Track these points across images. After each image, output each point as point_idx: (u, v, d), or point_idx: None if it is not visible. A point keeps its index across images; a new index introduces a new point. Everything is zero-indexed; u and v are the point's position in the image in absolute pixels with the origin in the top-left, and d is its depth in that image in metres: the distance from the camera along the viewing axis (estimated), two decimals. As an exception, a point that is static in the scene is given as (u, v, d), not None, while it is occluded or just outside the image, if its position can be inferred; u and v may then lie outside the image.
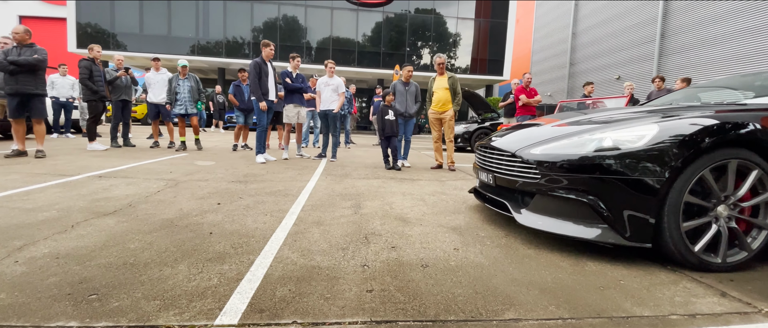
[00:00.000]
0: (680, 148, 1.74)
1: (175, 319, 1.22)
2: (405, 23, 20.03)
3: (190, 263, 1.68)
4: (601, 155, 1.85)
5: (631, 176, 1.78)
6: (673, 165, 1.73)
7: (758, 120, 1.81)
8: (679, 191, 1.75)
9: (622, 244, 1.81)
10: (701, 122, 1.79)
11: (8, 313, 1.21)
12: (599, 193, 1.84)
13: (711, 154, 1.76)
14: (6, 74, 4.59)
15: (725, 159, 1.77)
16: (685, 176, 1.75)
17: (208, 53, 18.63)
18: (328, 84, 6.16)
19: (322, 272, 1.64)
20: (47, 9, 21.30)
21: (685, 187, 1.75)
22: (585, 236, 1.88)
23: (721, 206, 1.81)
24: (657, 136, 1.80)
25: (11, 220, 2.19)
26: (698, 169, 1.75)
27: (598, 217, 1.86)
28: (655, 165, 1.75)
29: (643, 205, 1.77)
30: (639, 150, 1.79)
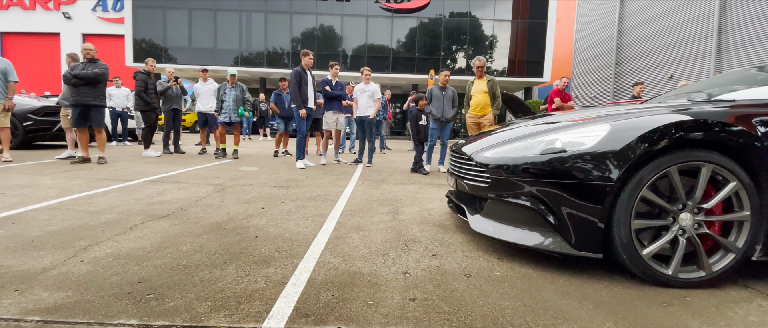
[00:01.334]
0: (631, 149, 1.57)
1: (225, 320, 1.26)
2: (439, 27, 19.92)
3: (238, 265, 1.74)
4: (549, 158, 1.72)
5: (578, 180, 1.64)
6: (625, 167, 1.57)
7: (725, 117, 1.58)
8: (629, 195, 1.58)
9: (570, 253, 1.67)
10: (656, 121, 1.59)
11: (75, 310, 1.30)
12: (546, 198, 1.71)
13: (667, 157, 1.57)
14: (70, 87, 5.03)
15: (687, 161, 1.57)
16: (638, 179, 1.58)
17: (251, 64, 19.49)
18: (365, 90, 6.23)
19: (364, 279, 1.63)
20: (108, 27, 23.23)
21: (636, 191, 1.58)
22: (534, 243, 1.75)
23: (684, 214, 1.62)
24: (606, 137, 1.64)
25: (77, 221, 2.38)
26: (654, 170, 1.57)
27: (546, 223, 1.73)
28: (604, 168, 1.60)
29: (591, 210, 1.61)
30: (587, 152, 1.64)
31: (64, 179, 3.89)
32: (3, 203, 2.80)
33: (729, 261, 1.61)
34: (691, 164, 1.58)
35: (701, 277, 1.61)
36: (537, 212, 1.75)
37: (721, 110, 1.63)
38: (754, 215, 1.59)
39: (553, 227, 1.72)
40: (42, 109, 6.92)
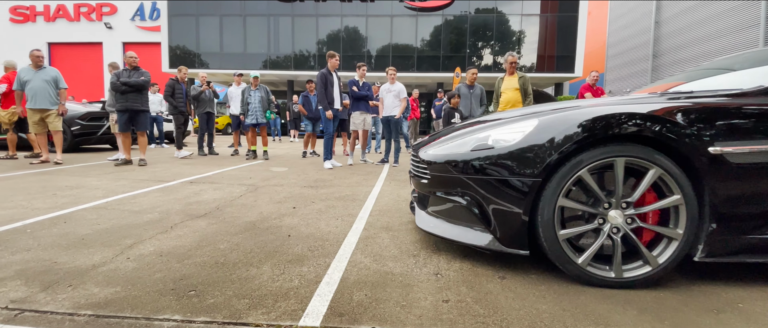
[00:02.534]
0: (553, 145, 1.54)
1: (263, 318, 1.29)
2: (465, 25, 19.64)
3: (273, 264, 1.79)
4: (478, 155, 1.71)
5: (502, 176, 1.63)
6: (546, 164, 1.54)
7: (654, 111, 1.51)
8: (552, 193, 1.55)
9: (499, 250, 1.67)
10: (581, 115, 1.55)
11: (124, 305, 1.38)
12: (476, 194, 1.72)
13: (590, 152, 1.52)
14: (117, 93, 5.33)
15: (610, 156, 1.51)
16: (560, 176, 1.54)
17: (278, 67, 19.95)
18: (390, 90, 6.23)
19: (396, 279, 1.63)
20: (145, 35, 24.45)
21: (559, 188, 1.54)
22: (468, 240, 1.77)
23: (613, 211, 1.56)
24: (532, 133, 1.62)
25: (122, 220, 2.51)
26: (575, 168, 1.53)
27: (478, 220, 1.73)
28: (527, 164, 1.58)
29: (515, 207, 1.60)
30: (512, 148, 1.63)
31: (109, 180, 4.12)
32: (55, 203, 3.00)
33: (673, 250, 1.53)
34: (610, 158, 1.52)
35: (649, 272, 1.54)
36: (468, 209, 1.76)
37: (649, 104, 1.56)
38: (687, 200, 1.49)
39: (484, 223, 1.73)
40: (88, 114, 7.37)
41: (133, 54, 5.52)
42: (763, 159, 1.45)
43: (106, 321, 1.26)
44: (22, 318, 1.26)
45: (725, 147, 1.45)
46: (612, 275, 1.56)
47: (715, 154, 1.45)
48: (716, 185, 1.47)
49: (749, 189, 1.47)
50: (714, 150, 1.45)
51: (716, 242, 1.51)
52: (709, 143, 1.46)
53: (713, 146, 1.45)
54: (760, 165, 1.45)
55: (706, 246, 1.52)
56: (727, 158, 1.45)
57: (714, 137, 1.46)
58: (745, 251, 1.52)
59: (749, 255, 1.51)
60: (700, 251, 1.52)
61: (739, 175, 1.46)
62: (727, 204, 1.48)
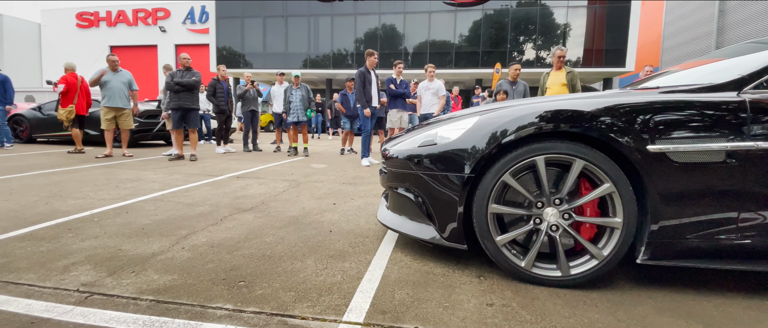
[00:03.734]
0: (485, 143, 1.57)
1: (308, 311, 1.33)
2: (506, 19, 19.03)
3: (316, 258, 1.83)
4: (422, 151, 1.75)
5: (440, 172, 1.67)
6: (478, 161, 1.57)
7: (582, 109, 1.49)
8: (485, 191, 1.56)
9: (441, 244, 1.72)
10: (511, 114, 1.57)
11: (180, 292, 1.47)
12: (419, 189, 1.77)
13: (518, 150, 1.53)
14: (172, 92, 5.69)
15: (536, 154, 1.51)
16: (492, 174, 1.55)
17: (317, 66, 20.40)
18: (429, 88, 6.18)
19: (437, 279, 1.62)
20: (195, 37, 25.88)
21: (490, 186, 1.56)
22: (416, 234, 1.80)
23: (548, 208, 1.54)
24: (469, 131, 1.64)
25: (177, 212, 2.68)
26: (504, 166, 1.54)
27: (423, 214, 1.78)
28: (462, 161, 1.61)
29: (452, 202, 1.63)
30: (451, 145, 1.67)
31: (164, 174, 4.42)
32: (118, 194, 3.26)
33: (616, 240, 1.49)
34: (535, 156, 1.52)
35: (596, 266, 1.51)
36: (416, 203, 1.81)
37: (589, 102, 1.51)
38: (619, 187, 1.45)
39: (428, 217, 1.76)
40: (145, 112, 7.93)
41: (186, 56, 5.87)
42: (709, 159, 1.37)
43: (165, 307, 1.35)
44: (92, 301, 1.38)
45: (667, 145, 1.39)
46: (559, 274, 1.54)
47: (655, 152, 1.40)
48: (657, 184, 1.41)
49: (694, 190, 1.40)
50: (654, 149, 1.40)
51: (659, 244, 1.45)
52: (649, 142, 1.41)
53: (653, 145, 1.40)
54: (706, 165, 1.38)
55: (649, 248, 1.46)
56: (670, 158, 1.39)
57: (654, 136, 1.41)
58: (689, 255, 1.45)
59: (695, 260, 1.44)
60: (642, 253, 1.46)
61: (683, 175, 1.39)
62: (670, 205, 1.41)
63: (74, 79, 6.53)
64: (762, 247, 1.40)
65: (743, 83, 1.45)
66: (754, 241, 1.40)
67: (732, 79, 1.47)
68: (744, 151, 1.35)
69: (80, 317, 1.26)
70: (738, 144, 1.35)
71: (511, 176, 1.56)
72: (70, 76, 6.52)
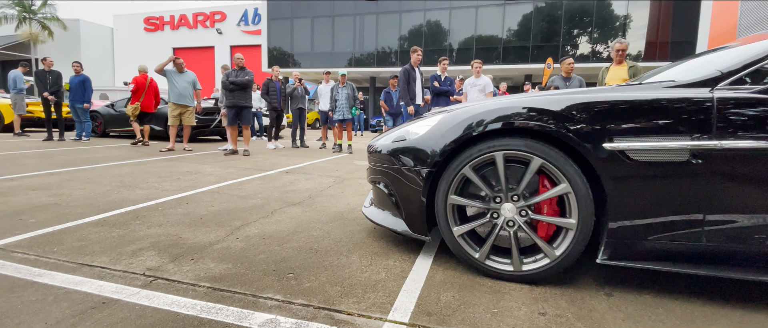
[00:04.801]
0: (446, 139, 1.62)
1: (354, 307, 1.34)
2: (558, 11, 18.04)
3: (361, 254, 1.85)
4: (394, 147, 1.84)
5: (406, 166, 1.76)
6: (439, 157, 1.63)
7: (541, 106, 1.49)
8: (446, 183, 1.63)
9: (408, 235, 1.80)
10: (471, 112, 1.62)
11: (234, 281, 1.54)
12: (391, 183, 1.85)
13: (479, 145, 1.57)
14: (227, 91, 6.03)
15: (495, 150, 1.54)
16: (452, 167, 1.61)
17: (362, 64, 20.66)
18: (475, 84, 6.02)
19: (484, 283, 1.56)
20: (248, 38, 27.24)
21: (450, 178, 1.62)
22: (391, 226, 1.87)
23: (506, 204, 1.56)
24: (434, 127, 1.72)
25: (231, 204, 2.83)
26: (465, 160, 1.58)
27: (394, 206, 1.87)
28: (425, 155, 1.68)
29: (416, 195, 1.71)
30: (416, 141, 1.75)
31: (220, 168, 4.69)
32: (179, 186, 3.50)
33: (570, 241, 1.48)
34: (492, 152, 1.54)
35: (548, 264, 1.51)
36: (389, 196, 1.89)
37: (549, 99, 1.50)
38: (576, 189, 1.44)
39: (398, 209, 1.84)
40: (204, 110, 8.48)
41: (240, 56, 6.19)
42: (671, 158, 1.31)
43: (220, 294, 1.42)
44: (156, 285, 1.49)
45: (625, 144, 1.35)
46: (510, 269, 1.57)
47: (612, 150, 1.36)
48: (614, 184, 1.38)
49: (654, 190, 1.34)
50: (611, 147, 1.37)
51: (618, 245, 1.41)
52: (606, 140, 1.37)
53: (612, 143, 1.37)
54: (667, 164, 1.32)
55: (608, 248, 1.43)
56: (629, 156, 1.35)
57: (613, 133, 1.37)
58: (652, 257, 1.40)
59: (655, 262, 1.38)
60: (601, 253, 1.43)
61: (642, 174, 1.35)
62: (629, 205, 1.38)
63: (143, 80, 7.19)
64: (731, 252, 1.32)
65: (718, 80, 1.37)
66: (721, 245, 1.32)
67: (709, 77, 1.40)
68: (709, 151, 1.28)
69: (146, 299, 1.37)
70: (703, 143, 1.28)
71: (471, 169, 1.59)
72: (141, 77, 7.20)
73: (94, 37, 29.35)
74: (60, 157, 5.36)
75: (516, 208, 1.56)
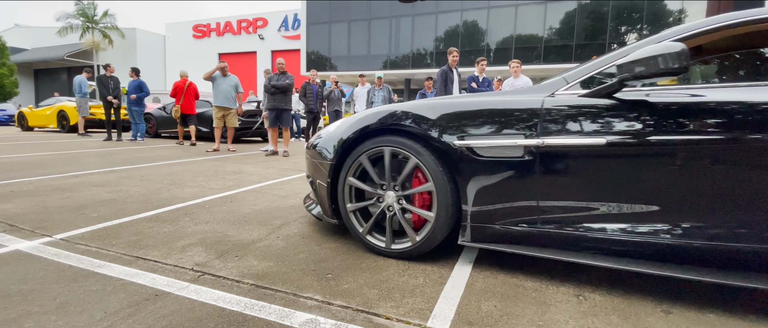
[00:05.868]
0: (348, 133, 1.89)
1: (393, 311, 1.33)
2: (605, 8, 17.15)
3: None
4: (315, 142, 2.13)
5: (318, 160, 2.04)
6: (341, 148, 1.91)
7: (413, 110, 1.77)
8: (346, 170, 1.90)
9: (324, 219, 2.10)
10: (370, 112, 1.89)
11: (276, 279, 1.58)
12: (312, 173, 2.17)
13: (372, 140, 1.83)
14: (268, 94, 6.25)
15: (384, 145, 1.79)
16: (352, 156, 1.88)
17: (397, 66, 20.71)
18: (514, 85, 5.83)
19: (528, 294, 1.49)
20: (288, 43, 28.17)
21: (349, 164, 1.89)
22: (315, 213, 2.17)
23: (390, 192, 1.84)
24: (339, 125, 2.01)
25: (272, 204, 2.91)
26: (361, 151, 1.85)
27: (315, 195, 2.19)
28: (332, 148, 1.95)
29: (325, 184, 1.98)
30: (328, 136, 2.03)
31: (262, 168, 4.86)
32: (224, 184, 3.66)
33: (427, 230, 1.72)
34: (380, 148, 1.81)
35: (409, 247, 1.78)
36: (310, 184, 2.22)
37: (425, 103, 1.79)
38: (439, 188, 1.67)
39: (316, 195, 2.17)
40: (246, 112, 8.84)
41: (281, 60, 6.40)
42: (508, 154, 1.54)
43: (263, 292, 1.46)
44: (203, 280, 1.56)
45: (471, 141, 1.60)
46: (383, 245, 1.84)
47: (463, 147, 1.61)
48: (467, 175, 1.62)
49: (497, 181, 1.57)
50: (461, 144, 1.61)
51: (474, 228, 1.64)
52: (459, 138, 1.62)
53: (463, 140, 1.61)
54: (505, 159, 1.55)
55: (466, 232, 1.66)
56: (477, 152, 1.59)
57: (464, 133, 1.62)
58: (500, 240, 1.61)
59: (506, 244, 1.60)
60: (461, 236, 1.67)
61: (487, 167, 1.58)
62: (479, 194, 1.61)
63: (181, 84, 7.76)
64: (563, 236, 1.51)
65: (559, 86, 1.58)
66: (554, 230, 1.52)
67: (554, 83, 1.61)
68: (537, 147, 1.49)
69: (194, 293, 1.43)
70: (532, 141, 1.50)
71: (367, 158, 1.85)
72: (180, 81, 7.78)
73: (148, 44, 31.56)
74: (118, 156, 5.79)
75: (396, 196, 1.82)
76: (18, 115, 13.15)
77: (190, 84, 7.85)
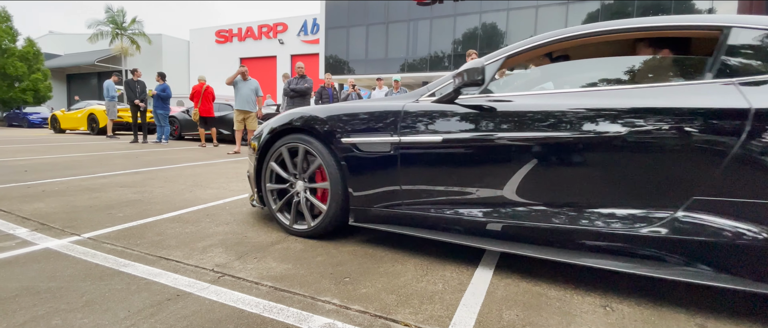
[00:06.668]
0: (275, 126, 2.25)
1: (411, 318, 1.30)
2: (629, 8, 16.67)
3: (416, 262, 1.80)
4: (254, 136, 2.47)
5: (254, 148, 2.39)
6: (262, 143, 2.29)
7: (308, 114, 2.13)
8: (269, 157, 2.26)
9: (254, 205, 2.45)
10: (291, 112, 2.24)
11: (294, 282, 1.58)
12: (248, 163, 2.56)
13: (290, 135, 2.17)
14: (288, 98, 6.34)
15: (294, 141, 2.14)
16: (274, 148, 2.24)
17: (415, 69, 20.68)
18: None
19: (552, 303, 1.44)
20: (307, 47, 28.55)
21: (272, 153, 2.24)
22: (252, 200, 2.49)
23: (299, 182, 2.17)
24: (272, 121, 2.34)
25: (290, 206, 2.93)
26: (281, 144, 2.20)
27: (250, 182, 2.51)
28: (262, 139, 2.30)
29: (252, 174, 2.40)
30: (261, 128, 2.42)
31: (279, 171, 4.92)
32: (244, 186, 3.72)
33: (322, 218, 2.06)
34: (288, 145, 2.17)
35: (306, 228, 2.13)
36: (248, 178, 2.60)
37: (319, 108, 2.13)
38: (332, 185, 2.00)
39: (250, 183, 2.52)
40: (265, 116, 8.99)
41: (301, 64, 6.50)
42: (379, 149, 1.87)
43: (281, 294, 1.46)
44: (223, 281, 1.57)
45: (355, 139, 1.93)
46: (287, 223, 2.20)
47: (349, 144, 1.94)
48: (352, 167, 1.94)
49: (372, 171, 1.90)
50: (348, 141, 1.94)
51: (357, 211, 1.97)
52: (345, 135, 1.95)
53: (349, 138, 1.94)
54: (378, 153, 1.88)
55: (352, 214, 1.99)
56: (359, 147, 1.92)
57: (351, 132, 1.95)
58: (376, 220, 1.93)
59: (381, 224, 1.91)
60: (350, 218, 2.00)
61: (366, 160, 1.91)
62: (360, 183, 1.93)
63: (199, 88, 8.04)
64: (422, 216, 1.82)
65: (423, 93, 1.92)
66: (415, 211, 1.83)
67: (422, 90, 1.94)
68: (396, 143, 1.83)
69: (214, 295, 1.44)
70: (393, 138, 1.84)
71: (286, 150, 2.18)
72: (198, 85, 8.08)
73: (173, 50, 32.57)
74: (144, 157, 5.98)
75: (303, 185, 2.15)
76: (51, 118, 13.78)
77: (207, 87, 8.07)
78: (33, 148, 7.18)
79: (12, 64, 20.49)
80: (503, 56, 1.79)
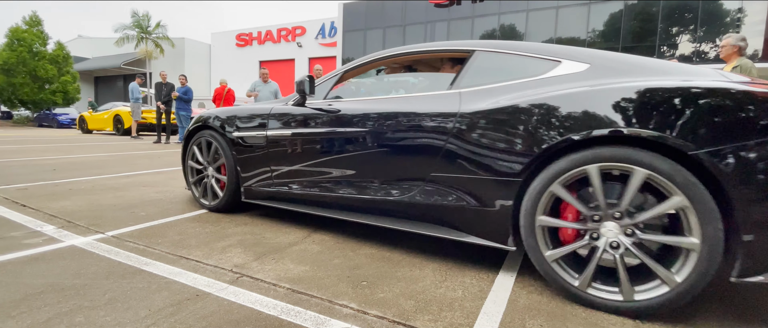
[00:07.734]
0: (193, 124, 2.84)
1: (430, 325, 1.27)
2: (654, 8, 16.18)
3: (435, 268, 1.77)
4: None
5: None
6: (193, 129, 2.86)
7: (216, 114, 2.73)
8: (191, 147, 2.88)
9: (187, 188, 3.07)
10: (212, 112, 2.78)
11: (311, 284, 1.56)
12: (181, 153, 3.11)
13: (206, 130, 2.74)
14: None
15: (206, 137, 2.74)
16: (194, 140, 2.84)
17: (431, 70, 20.60)
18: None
19: (577, 313, 1.38)
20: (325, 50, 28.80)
21: (196, 142, 2.81)
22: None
23: (210, 168, 2.72)
24: (196, 116, 2.98)
25: (307, 207, 2.93)
26: (199, 138, 2.80)
27: None
28: (187, 133, 2.92)
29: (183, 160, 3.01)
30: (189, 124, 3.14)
31: (296, 172, 4.95)
32: (262, 187, 3.74)
33: (214, 202, 2.73)
34: (204, 138, 2.77)
35: (198, 199, 2.88)
36: None
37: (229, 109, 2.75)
38: (228, 167, 2.61)
39: None
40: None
41: (319, 67, 6.54)
42: (257, 141, 2.43)
43: (299, 296, 1.45)
44: (242, 282, 1.57)
45: (240, 133, 2.51)
46: (198, 197, 2.83)
47: (237, 137, 2.51)
48: (240, 155, 2.50)
49: (252, 157, 2.45)
50: (236, 135, 2.52)
51: (246, 189, 2.51)
52: (236, 130, 2.53)
53: (238, 132, 2.52)
54: (257, 144, 2.43)
55: (244, 192, 2.53)
56: (244, 140, 2.49)
57: (238, 128, 2.52)
58: (258, 197, 2.49)
59: (262, 200, 2.48)
60: (242, 196, 2.55)
61: (249, 149, 2.47)
62: (246, 166, 2.49)
63: (221, 90, 8.31)
64: (289, 193, 2.33)
65: (290, 99, 2.44)
66: (282, 189, 2.35)
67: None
68: (265, 135, 2.39)
69: (233, 295, 1.44)
70: (263, 132, 2.40)
71: (204, 140, 2.73)
72: (220, 88, 8.36)
73: (195, 53, 33.40)
74: (165, 157, 6.12)
75: (213, 170, 2.70)
76: (79, 119, 14.31)
77: (229, 90, 8.25)
78: (61, 148, 7.45)
79: (43, 67, 21.35)
80: (342, 71, 2.37)
